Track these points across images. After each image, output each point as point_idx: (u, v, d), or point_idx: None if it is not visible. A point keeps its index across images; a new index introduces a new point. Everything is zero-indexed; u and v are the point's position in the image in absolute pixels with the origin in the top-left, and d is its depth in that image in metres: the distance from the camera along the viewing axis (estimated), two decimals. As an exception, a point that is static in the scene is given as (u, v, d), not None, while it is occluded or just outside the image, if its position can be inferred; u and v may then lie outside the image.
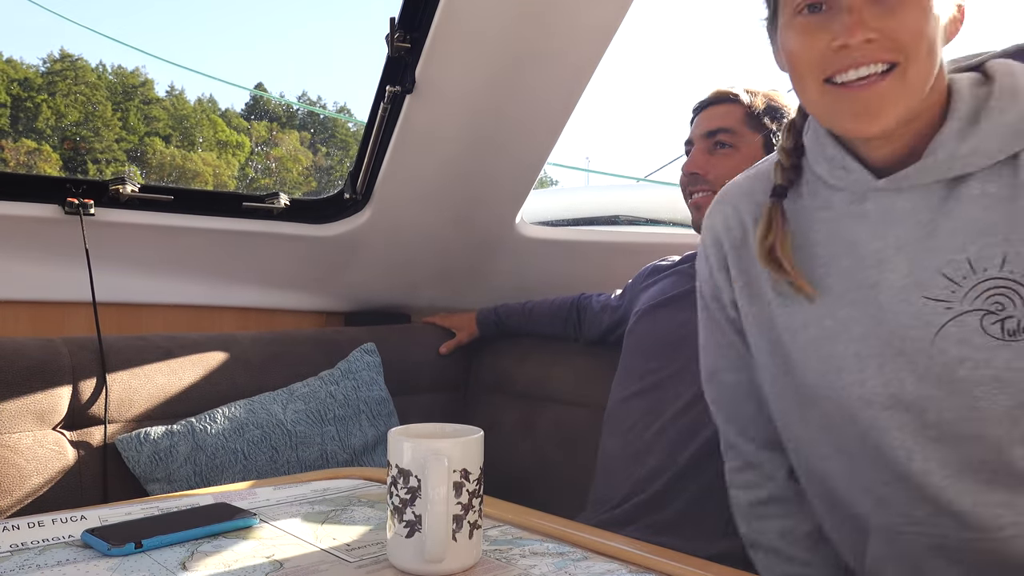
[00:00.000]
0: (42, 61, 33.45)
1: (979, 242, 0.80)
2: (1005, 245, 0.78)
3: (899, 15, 0.77)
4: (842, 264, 0.87)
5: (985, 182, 0.80)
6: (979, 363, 0.80)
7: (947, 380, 0.81)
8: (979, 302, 0.79)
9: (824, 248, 0.89)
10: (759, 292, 0.95)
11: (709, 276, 1.03)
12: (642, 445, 1.44)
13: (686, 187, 1.53)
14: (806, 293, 0.89)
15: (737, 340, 1.02)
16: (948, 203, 0.81)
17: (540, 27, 1.58)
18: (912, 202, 0.83)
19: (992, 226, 0.79)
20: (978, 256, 0.80)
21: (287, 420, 1.64)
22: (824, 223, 0.90)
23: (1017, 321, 0.78)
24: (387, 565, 0.80)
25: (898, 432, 0.85)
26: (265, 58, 77.11)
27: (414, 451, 0.77)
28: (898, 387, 0.84)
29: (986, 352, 0.79)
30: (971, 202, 0.80)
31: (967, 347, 0.80)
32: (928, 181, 0.82)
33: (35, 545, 0.87)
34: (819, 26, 0.80)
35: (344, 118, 38.10)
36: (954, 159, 0.80)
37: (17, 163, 27.49)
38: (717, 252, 1.00)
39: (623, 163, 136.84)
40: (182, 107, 35.43)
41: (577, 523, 0.96)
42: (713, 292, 1.03)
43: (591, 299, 1.83)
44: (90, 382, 1.52)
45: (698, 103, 1.55)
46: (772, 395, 0.99)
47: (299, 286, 2.01)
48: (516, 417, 1.88)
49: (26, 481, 1.41)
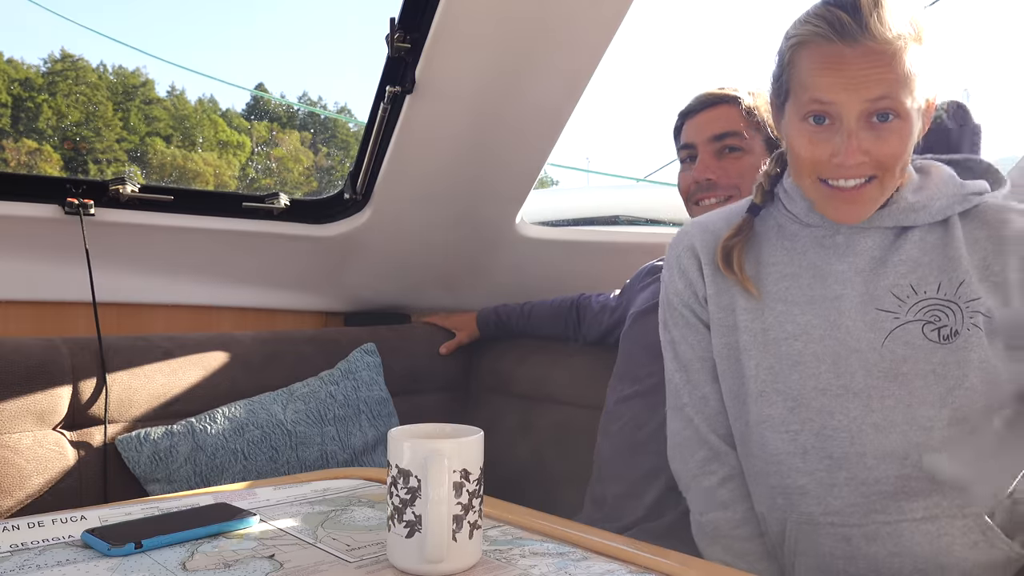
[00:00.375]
0: (43, 61, 33.43)
1: (919, 272, 1.03)
2: (940, 275, 1.03)
3: (885, 140, 0.99)
4: (803, 281, 1.08)
5: (925, 233, 1.05)
6: (920, 360, 1.01)
7: (893, 374, 1.02)
8: (920, 314, 1.02)
9: (787, 267, 1.10)
10: (728, 301, 1.13)
11: (682, 277, 1.19)
12: (636, 446, 1.44)
13: (693, 194, 1.50)
14: (751, 292, 1.10)
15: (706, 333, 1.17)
16: (897, 243, 1.05)
17: (540, 27, 1.58)
18: (871, 240, 1.06)
19: (929, 263, 1.04)
20: (918, 282, 1.03)
21: (287, 420, 1.64)
22: (788, 246, 1.11)
23: (951, 328, 1.00)
24: (387, 565, 0.80)
25: (843, 416, 1.03)
26: (266, 58, 77.17)
27: (414, 451, 0.77)
28: (849, 379, 1.03)
29: (926, 351, 1.01)
30: (913, 245, 1.05)
31: (910, 348, 1.01)
32: (885, 226, 1.06)
33: (35, 545, 0.87)
34: (822, 138, 1.00)
35: (345, 119, 38.10)
36: (908, 212, 1.05)
37: (18, 163, 27.45)
38: (693, 259, 1.18)
39: (623, 163, 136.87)
40: (183, 107, 35.39)
41: (577, 523, 0.96)
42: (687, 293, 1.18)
43: (590, 299, 1.82)
44: (90, 382, 1.52)
45: (693, 105, 1.52)
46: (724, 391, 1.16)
47: (299, 286, 2.01)
48: (516, 417, 1.88)
49: (26, 481, 1.42)
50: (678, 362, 1.19)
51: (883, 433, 1.02)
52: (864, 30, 0.97)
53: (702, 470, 1.16)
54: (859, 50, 0.97)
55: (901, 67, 0.97)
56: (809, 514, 1.06)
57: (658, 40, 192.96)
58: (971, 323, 1.00)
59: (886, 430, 1.02)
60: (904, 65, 0.97)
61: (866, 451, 1.02)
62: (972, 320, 1.00)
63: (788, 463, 1.06)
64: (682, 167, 1.55)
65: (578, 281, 2.00)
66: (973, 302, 1.00)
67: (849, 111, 0.98)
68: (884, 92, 0.97)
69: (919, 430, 1.00)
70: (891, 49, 0.97)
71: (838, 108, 0.98)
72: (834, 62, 0.98)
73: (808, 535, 1.07)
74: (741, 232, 1.13)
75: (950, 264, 1.03)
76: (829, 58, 0.98)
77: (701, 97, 1.52)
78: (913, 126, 1.00)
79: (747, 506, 1.14)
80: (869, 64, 0.97)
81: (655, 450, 1.41)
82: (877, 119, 0.98)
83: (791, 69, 1.03)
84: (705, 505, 1.15)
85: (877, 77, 0.97)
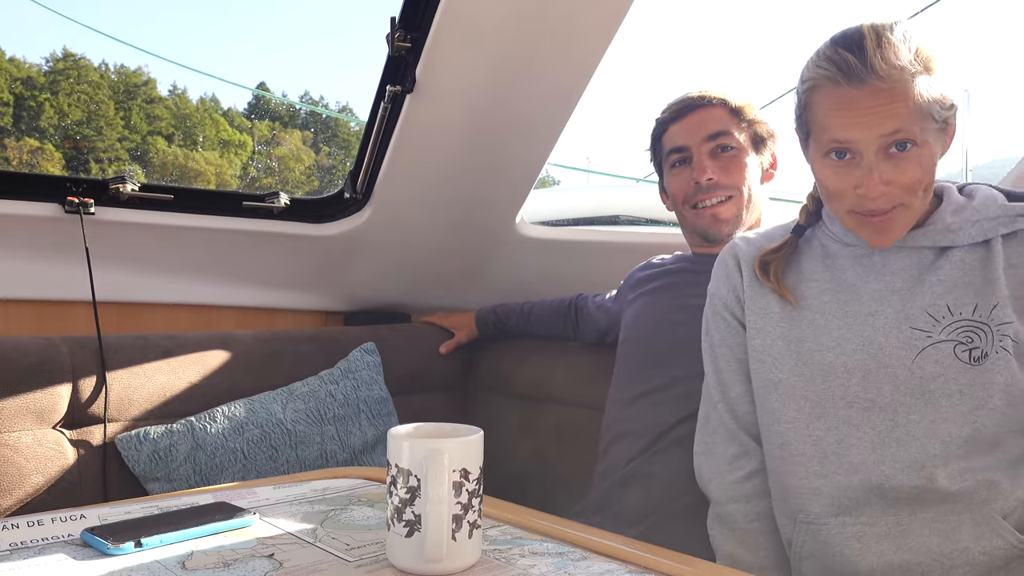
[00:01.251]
0: (45, 60, 33.40)
1: (956, 293, 1.05)
2: (976, 298, 1.04)
3: (903, 170, 1.02)
4: (841, 296, 1.12)
5: (965, 253, 1.07)
6: (949, 379, 1.03)
7: (920, 391, 1.04)
8: (954, 335, 1.04)
9: (826, 282, 1.14)
10: (764, 305, 1.18)
11: (726, 282, 1.24)
12: (643, 448, 1.43)
13: (692, 197, 1.49)
14: (788, 300, 1.15)
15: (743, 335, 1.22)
16: (935, 263, 1.08)
17: (541, 27, 1.58)
18: (908, 260, 1.09)
19: (967, 284, 1.05)
20: (955, 303, 1.05)
21: (287, 419, 1.64)
22: (829, 264, 1.15)
23: (982, 351, 1.02)
24: (386, 564, 0.80)
25: (868, 429, 1.06)
26: (267, 57, 76.99)
27: (414, 451, 0.77)
28: (876, 393, 1.06)
29: (955, 372, 1.03)
30: (952, 266, 1.07)
31: (940, 367, 1.03)
32: (922, 246, 1.08)
33: (34, 544, 0.87)
34: (845, 172, 1.05)
35: (345, 118, 38.05)
36: (945, 232, 1.08)
37: (20, 162, 27.44)
38: (736, 267, 1.24)
39: (623, 163, 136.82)
40: (185, 106, 35.36)
41: (577, 523, 0.96)
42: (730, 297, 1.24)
43: (587, 300, 1.82)
44: (90, 381, 1.52)
45: (679, 109, 1.51)
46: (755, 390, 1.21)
47: (299, 285, 2.01)
48: (516, 417, 1.88)
49: (25, 480, 1.42)
50: (715, 364, 1.25)
51: (904, 446, 1.04)
52: (870, 70, 1.00)
53: (731, 465, 1.20)
54: (866, 90, 1.00)
55: (911, 99, 1.00)
56: (820, 514, 1.09)
57: (659, 40, 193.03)
58: (1000, 346, 1.02)
59: (907, 444, 1.04)
60: (913, 97, 1.00)
61: (885, 461, 1.05)
62: (1001, 343, 1.02)
63: (807, 465, 1.10)
64: (671, 173, 1.53)
65: (578, 281, 2.00)
66: (1004, 325, 1.02)
67: (867, 147, 1.02)
68: (897, 126, 1.00)
69: (938, 443, 1.03)
70: (898, 86, 1.00)
71: (856, 145, 1.02)
72: (845, 104, 1.02)
73: (817, 534, 1.09)
74: (783, 249, 1.19)
75: (987, 286, 1.05)
76: (840, 100, 1.02)
77: (686, 100, 1.52)
78: (933, 149, 1.03)
79: (767, 502, 1.18)
80: (878, 102, 1.00)
81: (659, 459, 1.40)
82: (896, 148, 1.01)
83: (808, 111, 1.07)
84: (728, 497, 1.20)
85: (887, 113, 1.00)
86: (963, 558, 1.02)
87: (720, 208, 1.47)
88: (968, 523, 1.02)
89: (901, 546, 1.04)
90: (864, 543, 1.06)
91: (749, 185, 1.48)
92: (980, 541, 1.02)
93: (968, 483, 1.02)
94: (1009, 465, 1.03)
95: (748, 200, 1.49)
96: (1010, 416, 1.02)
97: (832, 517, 1.08)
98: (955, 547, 1.02)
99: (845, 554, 1.07)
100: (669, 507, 1.36)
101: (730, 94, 1.50)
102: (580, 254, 2.16)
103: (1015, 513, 1.03)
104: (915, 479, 1.04)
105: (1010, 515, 1.03)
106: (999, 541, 1.02)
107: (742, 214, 1.48)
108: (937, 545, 1.03)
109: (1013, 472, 1.03)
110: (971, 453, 1.02)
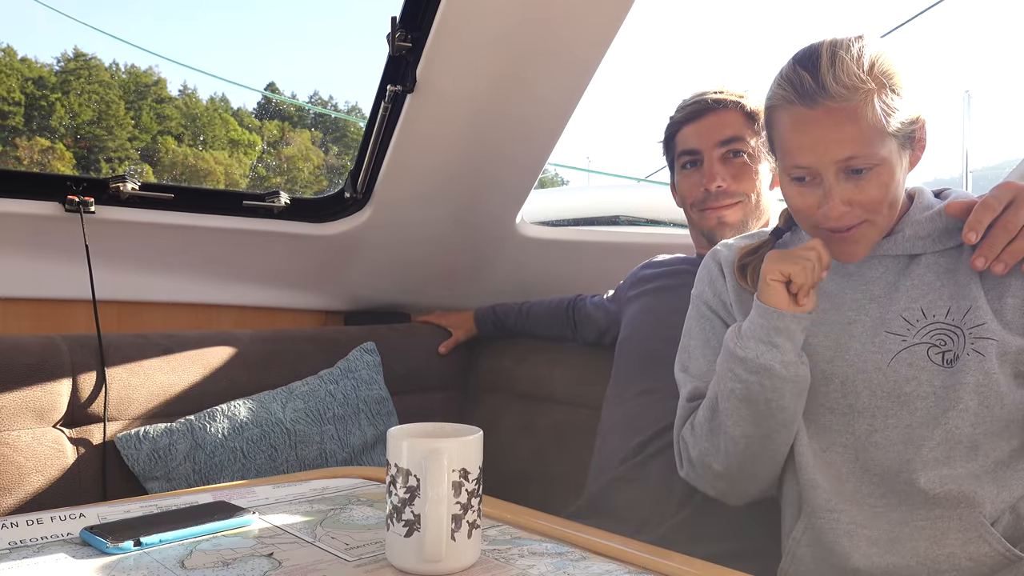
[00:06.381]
0: (56, 60, 33.35)
1: (929, 297, 1.06)
2: (949, 301, 1.05)
3: (863, 189, 1.02)
4: (821, 305, 1.11)
5: (938, 257, 1.08)
6: (922, 382, 1.04)
7: (896, 395, 1.05)
8: (927, 338, 1.05)
9: None
10: (749, 308, 1.14)
11: (711, 285, 1.23)
12: (636, 447, 1.43)
13: (700, 202, 1.48)
14: None
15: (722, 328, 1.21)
16: (908, 269, 1.09)
17: (541, 27, 1.58)
18: (883, 267, 1.11)
19: (940, 288, 1.06)
20: (928, 306, 1.06)
21: (286, 419, 1.64)
22: None
23: (954, 353, 1.03)
24: (386, 564, 0.80)
25: (848, 435, 1.08)
26: (277, 58, 76.96)
27: (413, 450, 0.77)
28: (855, 399, 1.08)
29: (928, 374, 1.04)
30: (925, 270, 1.08)
31: (914, 369, 1.04)
32: (895, 254, 1.10)
33: (34, 543, 0.87)
34: (808, 191, 1.05)
35: (353, 119, 38.03)
36: (916, 239, 1.09)
37: (31, 161, 27.41)
38: (719, 272, 1.24)
39: (623, 163, 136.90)
40: (194, 106, 35.31)
41: (576, 523, 0.96)
42: (714, 300, 1.23)
43: (586, 300, 1.82)
44: (90, 380, 1.52)
45: (694, 109, 1.49)
46: None
47: (299, 285, 2.01)
48: (516, 417, 1.88)
49: (25, 479, 1.42)
50: (688, 352, 1.24)
51: (883, 451, 1.06)
52: (822, 90, 0.99)
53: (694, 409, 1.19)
54: (819, 111, 1.00)
55: (866, 119, 0.99)
56: (819, 506, 1.09)
57: (659, 40, 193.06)
58: (971, 348, 1.02)
59: (886, 448, 1.06)
60: (868, 117, 0.99)
61: (868, 468, 1.07)
62: (973, 345, 1.02)
63: (801, 461, 1.11)
64: (682, 173, 1.52)
65: (578, 281, 2.00)
66: (978, 327, 1.02)
67: (825, 169, 1.02)
68: (849, 153, 1.00)
69: (912, 447, 1.04)
70: (851, 106, 0.99)
71: (814, 168, 1.03)
72: (800, 126, 1.02)
73: (815, 526, 1.09)
74: (760, 251, 1.18)
75: (961, 289, 1.05)
76: (796, 122, 1.03)
77: (702, 102, 1.49)
78: (893, 166, 1.03)
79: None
80: (832, 123, 1.00)
81: (654, 462, 1.39)
82: (852, 173, 1.02)
83: (771, 130, 1.08)
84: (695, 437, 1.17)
85: (840, 137, 1.00)
86: (950, 563, 1.02)
87: (726, 211, 1.46)
88: (955, 529, 1.02)
89: (890, 549, 1.04)
90: (854, 542, 1.06)
91: (759, 191, 1.47)
92: (967, 547, 1.02)
93: (951, 488, 1.02)
94: (993, 470, 1.03)
95: (756, 206, 1.48)
96: (983, 417, 1.02)
97: (827, 512, 1.08)
98: (942, 552, 1.02)
99: (835, 550, 1.07)
100: (662, 506, 1.36)
101: (746, 97, 1.47)
102: (580, 254, 2.16)
103: (1003, 519, 1.03)
104: (897, 484, 1.04)
105: (998, 521, 1.03)
106: (986, 548, 1.02)
107: (748, 219, 1.47)
108: (925, 550, 1.03)
109: (997, 478, 1.03)
110: (950, 458, 1.03)
